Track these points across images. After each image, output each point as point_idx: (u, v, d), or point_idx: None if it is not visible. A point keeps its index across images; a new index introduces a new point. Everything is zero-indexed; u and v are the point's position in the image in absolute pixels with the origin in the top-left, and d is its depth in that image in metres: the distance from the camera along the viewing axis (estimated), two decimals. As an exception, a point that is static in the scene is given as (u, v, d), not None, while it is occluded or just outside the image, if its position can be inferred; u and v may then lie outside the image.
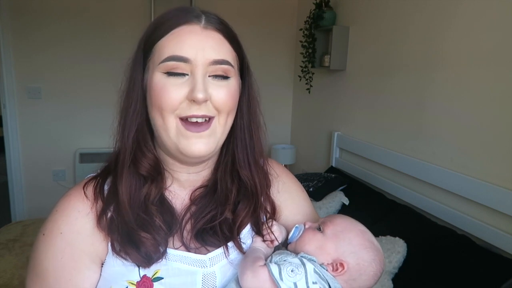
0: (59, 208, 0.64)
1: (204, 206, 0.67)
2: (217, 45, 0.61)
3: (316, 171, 2.70)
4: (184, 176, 0.68)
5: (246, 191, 0.69)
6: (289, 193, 0.78)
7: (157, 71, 0.60)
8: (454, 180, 1.69)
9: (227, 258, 0.65)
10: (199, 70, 0.59)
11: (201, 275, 0.62)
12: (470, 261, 1.43)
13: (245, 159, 0.68)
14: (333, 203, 2.08)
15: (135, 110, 0.63)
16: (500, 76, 1.50)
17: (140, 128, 0.64)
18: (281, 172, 0.79)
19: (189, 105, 0.59)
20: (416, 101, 1.94)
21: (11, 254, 1.85)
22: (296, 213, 0.77)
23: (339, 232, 0.65)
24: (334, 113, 2.75)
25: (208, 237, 0.65)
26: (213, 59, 0.59)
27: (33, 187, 2.94)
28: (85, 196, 0.64)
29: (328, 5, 2.61)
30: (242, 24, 3.34)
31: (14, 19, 2.71)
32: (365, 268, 0.64)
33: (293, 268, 0.58)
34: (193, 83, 0.59)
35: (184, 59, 0.58)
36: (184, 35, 0.60)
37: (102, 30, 2.86)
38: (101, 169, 0.69)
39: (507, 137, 1.48)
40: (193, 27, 0.60)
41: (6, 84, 2.75)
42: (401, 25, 2.05)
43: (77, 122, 2.94)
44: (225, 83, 0.62)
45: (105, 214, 0.62)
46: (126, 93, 0.64)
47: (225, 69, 0.61)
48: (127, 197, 0.62)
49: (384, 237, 1.63)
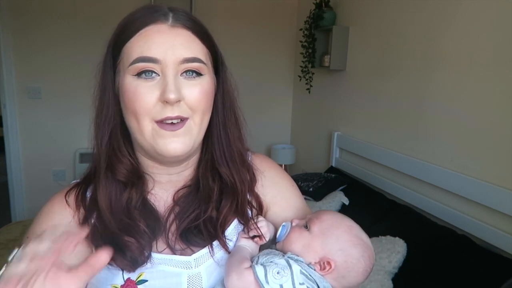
0: (42, 212, 0.64)
1: (187, 205, 0.66)
2: (187, 42, 0.59)
3: (316, 171, 2.69)
4: (165, 177, 0.68)
5: (227, 188, 0.67)
6: (277, 188, 0.75)
7: (127, 74, 0.59)
8: (454, 180, 1.69)
9: (212, 257, 0.64)
10: (169, 69, 0.57)
11: (186, 277, 0.61)
12: (470, 261, 1.43)
13: (222, 156, 0.67)
14: (333, 203, 2.08)
15: (107, 115, 0.62)
16: (500, 76, 1.50)
17: (114, 133, 0.63)
18: (268, 166, 0.76)
19: (163, 107, 0.57)
20: (416, 101, 1.94)
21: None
22: (286, 209, 0.74)
23: (325, 229, 0.64)
24: (334, 113, 2.75)
25: (193, 237, 0.64)
26: (183, 57, 0.58)
27: (33, 187, 2.94)
28: (67, 205, 0.63)
29: (328, 5, 2.61)
30: (242, 24, 3.35)
31: (14, 19, 2.71)
32: (354, 265, 0.62)
33: (279, 270, 0.57)
34: (164, 83, 0.57)
35: (153, 60, 0.57)
36: (151, 35, 0.58)
37: (102, 30, 2.83)
38: (83, 176, 0.68)
39: (507, 137, 1.48)
40: (160, 26, 0.58)
41: (6, 84, 2.75)
42: (401, 25, 2.05)
43: (77, 122, 2.93)
44: (198, 82, 0.60)
45: (87, 222, 0.62)
46: (98, 98, 0.63)
47: (197, 66, 0.60)
48: (107, 204, 0.61)
49: (384, 237, 1.63)
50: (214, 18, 3.03)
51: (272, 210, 0.73)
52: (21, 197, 2.96)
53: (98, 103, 0.63)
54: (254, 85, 3.20)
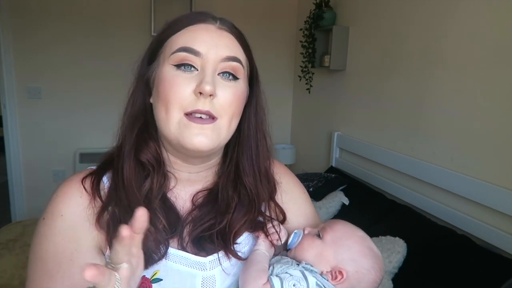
0: (59, 193, 0.63)
1: (204, 213, 0.65)
2: (231, 44, 0.61)
3: (316, 171, 2.69)
4: (185, 175, 0.68)
5: (246, 200, 0.67)
6: (291, 195, 0.77)
7: (167, 63, 0.60)
8: (454, 180, 1.69)
9: (221, 265, 0.63)
10: (209, 65, 0.59)
11: (200, 278, 0.61)
12: (470, 261, 1.43)
13: (250, 168, 0.68)
14: (333, 203, 2.08)
15: (138, 110, 0.64)
16: (499, 76, 1.50)
17: (144, 126, 0.64)
18: (284, 174, 0.78)
19: (196, 99, 0.58)
20: (416, 101, 1.94)
21: (11, 254, 1.85)
22: (298, 215, 0.76)
23: (338, 238, 0.65)
24: (334, 113, 2.75)
25: (206, 243, 0.64)
26: (225, 55, 0.60)
27: (33, 187, 2.94)
28: (85, 190, 0.63)
29: (328, 5, 2.61)
30: (242, 24, 3.31)
31: (14, 19, 2.70)
32: (364, 276, 0.63)
33: (295, 282, 0.57)
34: (201, 76, 0.58)
35: (195, 52, 0.58)
36: (198, 30, 0.60)
37: (102, 30, 2.86)
38: (101, 162, 0.67)
39: (507, 137, 1.48)
40: (208, 25, 0.61)
41: (6, 84, 2.75)
42: (401, 25, 2.05)
43: (77, 122, 2.94)
44: (233, 84, 0.61)
45: (105, 211, 0.61)
46: (131, 91, 0.65)
47: (236, 67, 0.61)
48: (132, 183, 0.61)
49: (384, 237, 1.63)
50: (214, 18, 3.03)
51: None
52: (21, 197, 2.96)
53: (130, 96, 0.65)
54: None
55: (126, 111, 0.65)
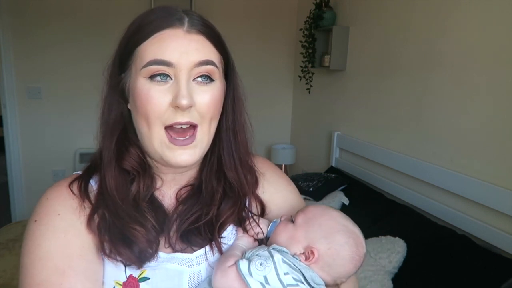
0: (49, 196, 0.63)
1: (190, 206, 0.66)
2: (202, 47, 0.60)
3: (316, 171, 2.70)
4: (169, 176, 0.68)
5: (231, 192, 0.68)
6: (275, 187, 0.77)
7: (140, 76, 0.59)
8: (454, 180, 1.69)
9: (207, 260, 0.64)
10: (183, 74, 0.58)
11: (187, 275, 0.62)
12: (470, 261, 1.43)
13: (231, 160, 0.68)
14: (333, 203, 2.09)
15: (112, 115, 0.64)
16: (499, 76, 1.50)
17: (123, 134, 0.64)
18: (267, 168, 0.78)
19: (174, 112, 0.58)
20: (416, 101, 1.94)
21: (11, 254, 1.85)
22: (283, 207, 0.75)
23: (308, 219, 0.64)
24: (334, 113, 2.75)
25: (193, 237, 0.64)
26: (198, 60, 0.59)
27: (33, 187, 2.94)
28: (73, 194, 0.63)
29: (328, 5, 2.62)
30: (242, 24, 3.35)
31: (14, 19, 2.71)
32: (338, 252, 0.61)
33: (262, 261, 0.57)
34: (177, 88, 0.57)
35: (167, 63, 0.57)
36: (167, 38, 0.58)
37: (102, 30, 2.86)
38: (85, 168, 0.68)
39: (506, 137, 1.48)
40: (176, 31, 0.59)
41: (6, 84, 2.75)
42: (401, 25, 2.05)
43: (77, 122, 2.93)
44: (210, 88, 0.61)
45: (95, 214, 0.61)
46: (104, 97, 0.64)
47: (210, 69, 0.60)
48: (116, 192, 0.61)
49: (384, 237, 1.63)
50: (214, 18, 2.99)
51: (269, 209, 0.74)
52: (21, 197, 2.96)
53: (103, 102, 0.65)
54: (254, 85, 3.19)
55: (102, 116, 0.65)
